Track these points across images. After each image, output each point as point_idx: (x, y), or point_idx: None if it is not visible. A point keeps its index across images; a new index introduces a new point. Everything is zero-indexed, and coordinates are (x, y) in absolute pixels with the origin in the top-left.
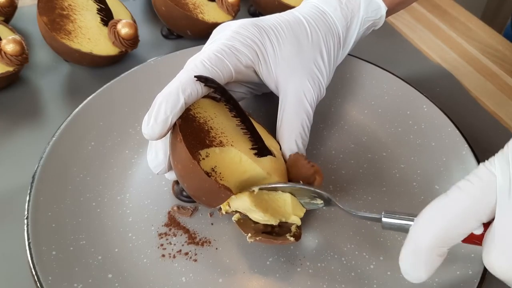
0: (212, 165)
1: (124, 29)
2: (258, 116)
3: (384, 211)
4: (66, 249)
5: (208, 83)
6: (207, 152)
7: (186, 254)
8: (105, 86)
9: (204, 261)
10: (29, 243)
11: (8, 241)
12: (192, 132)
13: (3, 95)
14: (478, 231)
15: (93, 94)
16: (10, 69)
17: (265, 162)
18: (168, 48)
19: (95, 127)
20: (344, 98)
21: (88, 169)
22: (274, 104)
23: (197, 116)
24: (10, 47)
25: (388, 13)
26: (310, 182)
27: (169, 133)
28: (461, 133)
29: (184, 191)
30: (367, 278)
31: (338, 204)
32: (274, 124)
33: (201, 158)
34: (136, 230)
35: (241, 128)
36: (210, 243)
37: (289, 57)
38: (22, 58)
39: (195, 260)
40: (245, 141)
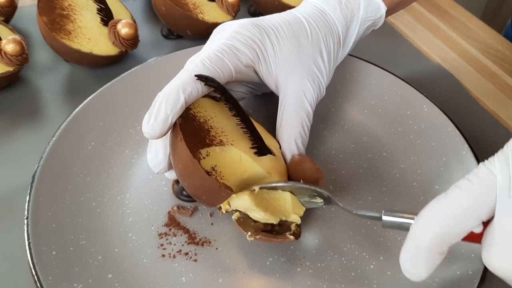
0: (212, 164)
1: (124, 29)
2: (258, 116)
3: (384, 209)
4: (66, 249)
5: (208, 82)
6: (207, 151)
7: (186, 254)
8: (105, 86)
9: (204, 261)
10: (29, 243)
11: (8, 241)
12: (192, 131)
13: (3, 95)
14: (478, 230)
15: (93, 94)
16: (10, 69)
17: (265, 161)
18: (168, 48)
19: (95, 127)
20: (344, 98)
21: (88, 169)
22: (274, 104)
23: (197, 115)
24: (10, 47)
25: (387, 13)
26: (312, 183)
27: (169, 132)
28: (461, 133)
29: (184, 191)
30: (367, 278)
31: (338, 203)
32: (274, 124)
33: (201, 157)
34: (136, 230)
35: (241, 127)
36: (210, 243)
37: (289, 56)
38: (22, 58)
39: (195, 260)
40: (245, 140)
